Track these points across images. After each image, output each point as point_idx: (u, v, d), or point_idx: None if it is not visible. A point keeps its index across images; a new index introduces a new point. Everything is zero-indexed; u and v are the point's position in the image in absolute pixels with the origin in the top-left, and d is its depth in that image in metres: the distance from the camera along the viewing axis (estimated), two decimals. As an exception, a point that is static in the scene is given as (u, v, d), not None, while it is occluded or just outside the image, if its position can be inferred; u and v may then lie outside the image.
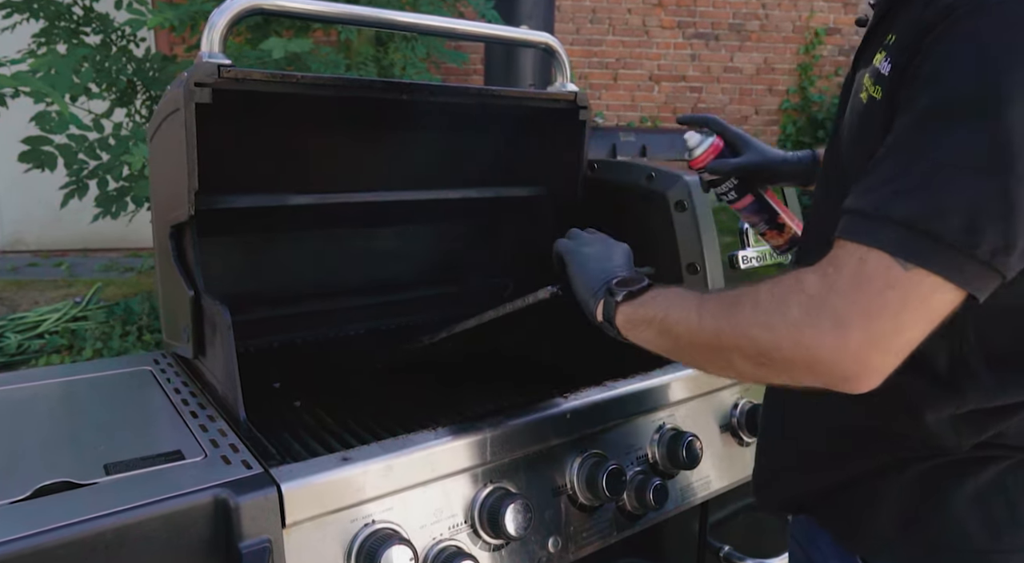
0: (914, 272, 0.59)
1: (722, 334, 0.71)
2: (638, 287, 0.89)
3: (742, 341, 0.69)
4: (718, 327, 0.72)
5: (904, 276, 0.59)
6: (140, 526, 0.76)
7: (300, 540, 0.85)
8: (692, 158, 1.22)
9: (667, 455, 1.21)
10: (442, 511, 0.97)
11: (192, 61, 1.07)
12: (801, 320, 0.63)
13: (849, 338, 0.60)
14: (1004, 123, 0.57)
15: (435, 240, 1.68)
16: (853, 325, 0.60)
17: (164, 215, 1.21)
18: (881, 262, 0.60)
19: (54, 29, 2.66)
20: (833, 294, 0.62)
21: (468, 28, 1.34)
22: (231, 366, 1.01)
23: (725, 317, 0.71)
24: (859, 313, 0.60)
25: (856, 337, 0.60)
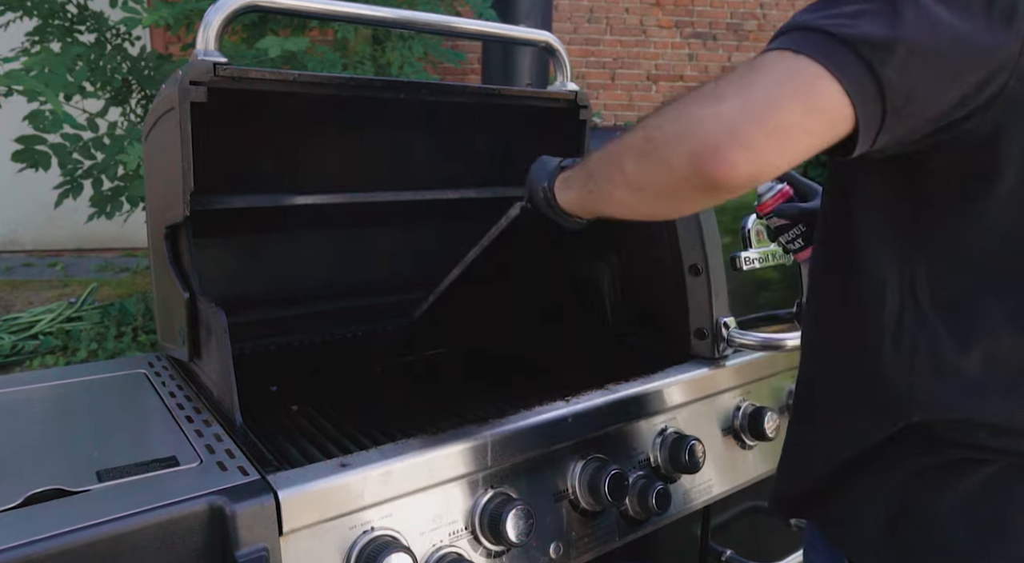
0: (800, 57, 0.61)
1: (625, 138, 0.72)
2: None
3: (637, 134, 0.70)
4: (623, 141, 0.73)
5: (791, 59, 0.61)
6: (133, 535, 0.74)
7: (298, 548, 0.84)
8: (761, 203, 1.20)
9: (669, 459, 1.19)
10: (442, 517, 0.95)
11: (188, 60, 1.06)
12: (690, 104, 0.65)
13: (722, 106, 0.62)
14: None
15: (435, 241, 1.66)
16: (729, 96, 0.62)
17: (159, 216, 1.19)
18: (776, 54, 0.63)
19: (48, 27, 2.63)
20: (723, 80, 0.64)
21: (467, 26, 1.32)
22: (227, 369, 0.99)
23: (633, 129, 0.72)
24: (737, 87, 0.63)
25: (730, 105, 0.61)
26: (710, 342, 1.32)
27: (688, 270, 1.33)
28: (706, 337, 1.33)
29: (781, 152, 0.61)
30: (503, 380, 1.28)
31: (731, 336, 1.31)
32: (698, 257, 1.32)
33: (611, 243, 1.50)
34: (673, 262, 1.34)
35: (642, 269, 1.43)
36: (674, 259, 1.34)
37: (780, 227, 1.18)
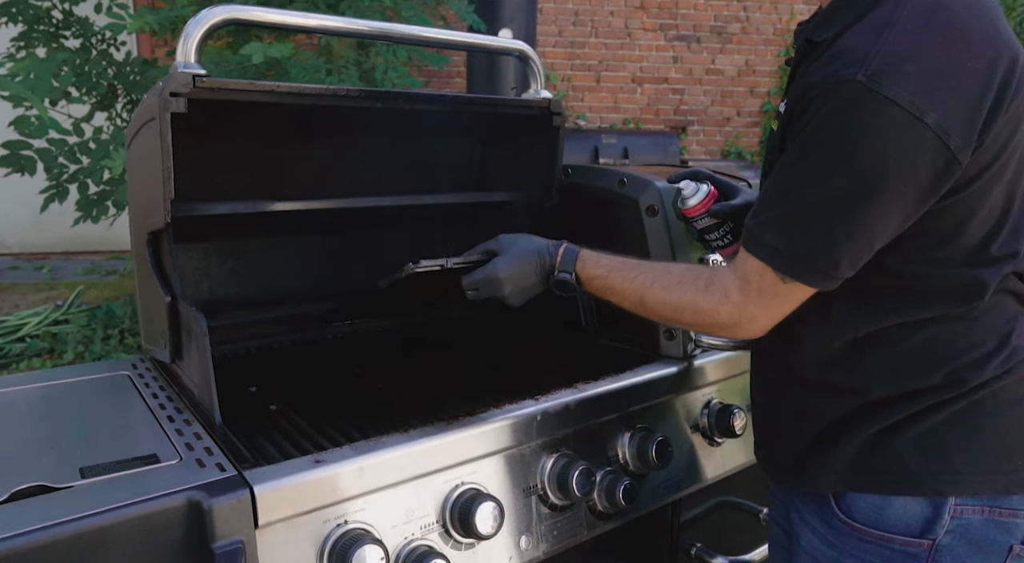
0: (790, 283, 0.91)
1: (676, 306, 1.02)
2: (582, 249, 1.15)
3: (688, 316, 1.01)
4: (661, 296, 1.03)
5: (784, 287, 0.92)
6: (115, 528, 0.78)
7: (273, 541, 0.88)
8: (689, 207, 1.25)
9: (637, 455, 1.24)
10: (414, 511, 0.99)
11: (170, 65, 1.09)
12: (731, 317, 0.97)
13: (757, 324, 0.97)
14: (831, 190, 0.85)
15: (412, 245, 1.70)
16: (760, 317, 0.96)
17: (141, 222, 1.22)
18: (769, 276, 0.91)
19: (33, 33, 2.65)
20: (749, 303, 0.95)
21: (443, 37, 1.36)
22: (207, 371, 1.03)
23: (667, 287, 1.02)
24: (763, 311, 0.95)
25: (762, 322, 0.97)
26: (679, 342, 1.37)
27: (656, 272, 1.37)
28: (675, 337, 1.37)
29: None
30: (477, 381, 1.32)
31: (698, 336, 1.35)
32: (666, 259, 1.37)
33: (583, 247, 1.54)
34: (642, 265, 1.38)
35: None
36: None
37: (709, 227, 1.25)
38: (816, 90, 0.85)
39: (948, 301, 0.92)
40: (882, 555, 0.95)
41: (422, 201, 1.51)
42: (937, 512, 0.92)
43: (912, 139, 0.80)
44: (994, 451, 0.92)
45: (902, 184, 0.82)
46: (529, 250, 1.13)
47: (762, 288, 0.92)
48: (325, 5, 2.67)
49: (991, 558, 0.93)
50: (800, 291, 0.92)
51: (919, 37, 0.82)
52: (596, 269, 1.10)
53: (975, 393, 0.92)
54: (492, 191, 1.60)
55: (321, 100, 1.21)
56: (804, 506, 1.04)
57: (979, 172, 0.85)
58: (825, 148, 0.85)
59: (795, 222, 0.88)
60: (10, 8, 2.59)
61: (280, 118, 1.29)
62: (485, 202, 1.63)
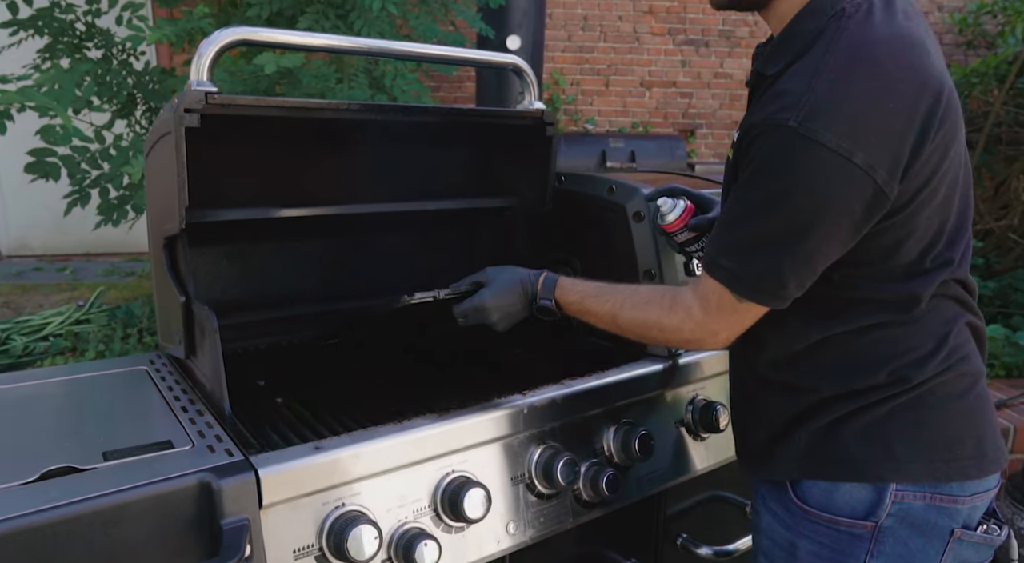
0: (744, 303, 1.00)
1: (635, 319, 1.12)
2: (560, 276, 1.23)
3: (656, 333, 1.11)
4: (631, 315, 1.13)
5: (740, 305, 1.01)
6: (134, 505, 0.87)
7: (276, 520, 0.96)
8: (668, 222, 1.32)
9: (621, 448, 1.31)
10: (407, 496, 1.07)
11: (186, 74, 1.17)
12: (694, 334, 1.07)
13: (719, 338, 1.06)
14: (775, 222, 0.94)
15: (415, 248, 1.78)
16: (721, 332, 1.05)
17: (158, 227, 1.31)
18: (727, 296, 1.01)
19: (58, 44, 2.77)
20: (710, 319, 1.04)
21: (441, 53, 1.44)
22: (217, 366, 1.11)
23: (636, 306, 1.12)
24: (723, 327, 1.05)
25: (723, 336, 1.06)
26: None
27: (643, 274, 1.45)
28: (660, 336, 1.44)
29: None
30: (470, 377, 1.40)
31: (682, 336, 1.42)
32: (652, 263, 1.44)
33: (575, 250, 1.62)
34: (630, 268, 1.46)
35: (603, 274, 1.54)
36: (631, 265, 1.46)
37: (688, 240, 1.32)
38: (757, 129, 0.94)
39: (889, 310, 1.00)
40: (831, 536, 1.03)
41: (424, 207, 1.59)
42: (879, 497, 1.00)
43: (842, 177, 0.89)
44: (935, 442, 1.00)
45: (837, 217, 0.91)
46: (512, 281, 1.23)
47: (721, 306, 1.02)
48: (335, 15, 2.75)
49: (933, 541, 1.01)
50: (755, 309, 1.01)
51: (844, 85, 0.90)
52: (572, 295, 1.20)
53: (917, 389, 1.00)
54: (491, 197, 1.67)
55: (325, 113, 1.30)
56: (767, 492, 1.13)
57: (911, 197, 0.94)
58: (768, 185, 0.94)
59: (746, 250, 0.98)
60: (36, 21, 2.71)
61: (288, 129, 1.38)
62: (484, 207, 1.70)
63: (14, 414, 1.16)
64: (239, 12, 2.79)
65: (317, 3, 2.72)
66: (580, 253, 1.61)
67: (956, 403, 1.02)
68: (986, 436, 1.03)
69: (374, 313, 1.38)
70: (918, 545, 1.01)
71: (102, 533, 0.85)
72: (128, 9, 2.92)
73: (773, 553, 1.11)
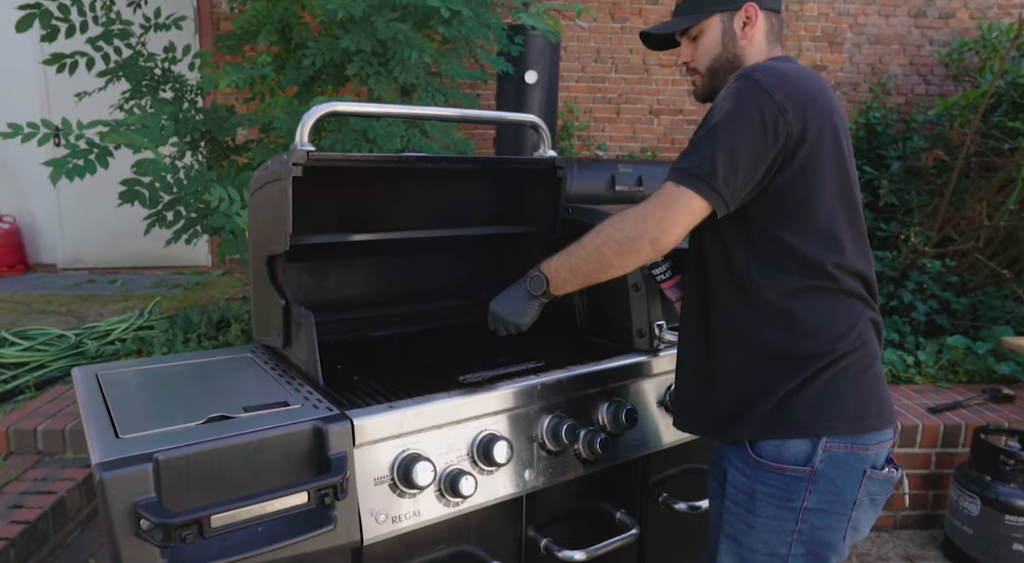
0: (682, 189, 1.31)
1: (599, 243, 1.41)
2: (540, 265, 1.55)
3: (610, 242, 1.39)
4: (595, 242, 1.42)
5: (677, 191, 1.32)
6: (271, 441, 1.27)
7: (364, 455, 1.36)
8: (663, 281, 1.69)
9: (612, 420, 1.70)
10: (452, 446, 1.47)
11: (249, 112, 1.55)
12: (652, 226, 1.34)
13: (673, 232, 1.34)
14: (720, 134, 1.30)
15: (454, 265, 2.19)
16: (673, 226, 1.33)
17: (261, 248, 1.73)
18: (670, 187, 1.33)
19: (141, 86, 3.24)
20: (658, 209, 1.34)
21: (474, 115, 1.86)
22: (313, 349, 1.53)
23: (596, 234, 1.42)
24: (671, 217, 1.33)
25: (676, 231, 1.34)
26: (647, 339, 1.84)
27: (631, 287, 1.85)
28: (644, 335, 1.84)
29: (684, 230, 1.36)
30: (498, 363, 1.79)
31: (662, 334, 1.82)
32: (638, 278, 1.84)
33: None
34: (620, 281, 1.86)
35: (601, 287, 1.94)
36: (621, 280, 1.86)
37: (655, 264, 1.67)
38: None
39: (813, 274, 1.34)
40: (781, 480, 1.37)
41: (459, 233, 2.00)
42: (814, 448, 1.35)
43: (764, 101, 1.29)
44: (850, 405, 1.36)
45: (753, 120, 1.28)
46: (511, 287, 1.60)
47: (667, 196, 1.32)
48: (377, 62, 3.19)
49: (852, 479, 1.36)
50: (696, 202, 1.30)
51: (776, 66, 1.36)
52: (554, 260, 1.52)
53: (837, 364, 1.34)
54: (513, 225, 2.08)
55: (389, 164, 1.72)
56: (732, 451, 1.45)
57: (803, 146, 1.31)
58: (712, 111, 1.34)
59: (688, 152, 1.33)
60: (124, 69, 3.18)
61: (359, 174, 1.80)
62: (507, 233, 2.12)
63: (163, 383, 1.58)
64: (295, 60, 3.24)
65: (361, 53, 3.16)
66: (583, 270, 2.01)
67: (863, 377, 1.38)
68: (883, 400, 1.41)
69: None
70: (842, 482, 1.35)
71: (251, 457, 1.26)
72: (198, 57, 3.39)
73: (737, 497, 1.43)
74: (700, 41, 1.53)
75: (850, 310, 1.39)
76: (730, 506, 1.45)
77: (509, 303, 1.59)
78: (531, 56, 5.12)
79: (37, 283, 5.83)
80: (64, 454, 2.77)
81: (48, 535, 2.41)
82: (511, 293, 1.59)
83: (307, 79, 3.32)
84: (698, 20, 1.51)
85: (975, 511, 2.66)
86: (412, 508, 1.40)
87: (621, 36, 6.41)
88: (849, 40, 6.53)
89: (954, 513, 2.78)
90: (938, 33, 6.49)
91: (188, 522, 1.10)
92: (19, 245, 6.31)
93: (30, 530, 2.29)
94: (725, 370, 1.45)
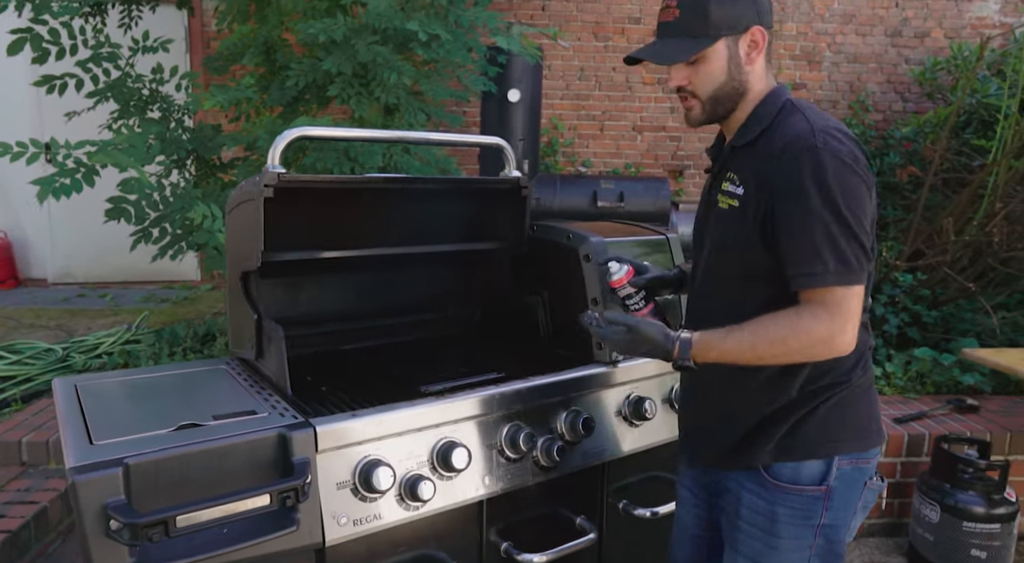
0: (853, 289, 1.28)
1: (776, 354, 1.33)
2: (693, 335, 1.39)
3: (793, 355, 1.33)
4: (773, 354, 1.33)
5: (849, 291, 1.28)
6: (238, 446, 1.35)
7: (326, 461, 1.44)
8: (614, 280, 1.66)
9: (570, 428, 1.78)
10: (412, 452, 1.55)
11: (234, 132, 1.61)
12: (827, 332, 1.29)
13: (847, 335, 1.30)
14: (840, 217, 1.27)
15: (424, 280, 2.28)
16: (847, 328, 1.29)
17: (236, 265, 1.82)
18: (839, 291, 1.28)
19: (129, 107, 3.33)
20: (835, 318, 1.28)
21: (443, 138, 1.96)
22: (282, 361, 1.61)
23: (780, 348, 1.32)
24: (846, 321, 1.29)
25: (849, 334, 1.30)
26: (607, 351, 1.92)
27: (591, 301, 1.93)
28: (604, 348, 1.92)
29: None
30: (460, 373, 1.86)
31: (619, 347, 1.90)
32: (596, 292, 1.93)
33: (544, 283, 2.11)
34: (581, 296, 1.95)
35: (562, 301, 2.04)
36: (582, 294, 1.95)
37: (629, 294, 1.66)
38: (783, 156, 1.29)
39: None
40: (800, 500, 1.41)
41: (429, 249, 2.09)
42: (828, 468, 1.41)
43: (855, 177, 1.28)
44: (855, 425, 1.43)
45: (863, 198, 1.29)
46: (659, 331, 1.40)
47: (838, 302, 1.27)
48: (359, 84, 3.30)
49: (855, 491, 1.44)
50: (855, 294, 1.28)
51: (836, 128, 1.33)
52: (707, 350, 1.35)
53: (846, 388, 1.41)
54: (479, 241, 2.17)
55: (360, 184, 1.81)
56: (745, 477, 1.47)
57: None
58: (817, 192, 1.26)
59: (835, 247, 1.26)
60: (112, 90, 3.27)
61: (330, 193, 1.89)
62: (476, 250, 2.21)
63: (139, 393, 1.66)
64: (279, 82, 3.34)
65: (343, 75, 3.26)
66: (548, 285, 2.11)
67: (864, 398, 1.45)
68: (879, 418, 1.49)
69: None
70: (849, 495, 1.42)
71: (218, 462, 1.33)
72: (185, 78, 3.49)
73: (755, 520, 1.45)
74: (701, 66, 1.38)
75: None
76: (747, 528, 1.47)
77: (643, 339, 1.41)
78: (514, 75, 5.24)
79: (27, 298, 5.89)
80: (48, 465, 2.83)
81: (30, 544, 2.47)
82: (651, 336, 1.40)
83: (291, 99, 3.42)
84: (703, 47, 1.36)
85: (935, 518, 2.74)
86: (373, 511, 1.48)
87: (604, 55, 6.55)
88: (828, 59, 6.68)
89: (916, 520, 2.86)
90: (914, 52, 6.65)
91: (154, 522, 1.17)
92: (10, 260, 6.38)
93: (12, 539, 2.35)
94: (745, 403, 1.46)
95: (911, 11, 6.62)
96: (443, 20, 3.26)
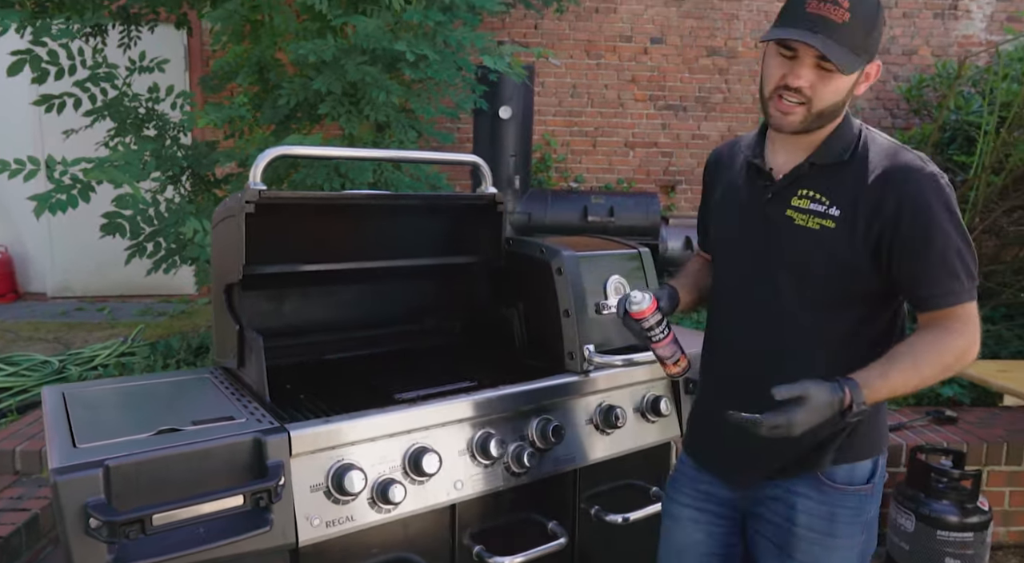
0: (975, 301, 1.39)
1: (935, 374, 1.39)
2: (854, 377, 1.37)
3: (947, 372, 1.41)
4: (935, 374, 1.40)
5: (975, 304, 1.40)
6: (215, 449, 1.42)
7: (300, 465, 1.50)
8: (638, 310, 1.53)
9: (540, 435, 1.85)
10: (385, 457, 1.62)
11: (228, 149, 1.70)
12: (968, 360, 1.40)
13: (978, 348, 1.41)
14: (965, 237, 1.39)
15: (406, 292, 2.35)
16: (979, 341, 1.40)
17: (221, 278, 1.89)
18: (970, 307, 1.39)
19: (125, 125, 3.42)
20: (976, 331, 1.39)
21: (422, 157, 2.04)
22: (261, 370, 1.68)
23: (939, 367, 1.38)
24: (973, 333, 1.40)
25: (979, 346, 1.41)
26: (577, 361, 1.99)
27: (563, 313, 2.00)
28: (575, 358, 1.99)
29: None
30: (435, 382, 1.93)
31: (590, 357, 1.97)
32: (569, 305, 1.99)
33: (520, 295, 2.19)
34: (554, 308, 2.01)
35: (537, 313, 2.11)
36: (555, 306, 2.02)
37: (653, 324, 1.55)
38: (905, 182, 1.37)
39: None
40: (856, 499, 1.50)
41: (408, 263, 2.17)
42: (875, 466, 1.53)
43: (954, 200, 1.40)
44: (883, 426, 1.58)
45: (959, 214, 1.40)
46: (824, 404, 1.30)
47: (971, 316, 1.39)
48: (348, 102, 3.39)
49: (881, 484, 1.56)
50: (976, 306, 1.40)
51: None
52: (876, 392, 1.34)
53: None
54: (458, 255, 2.25)
55: (340, 200, 1.89)
56: (799, 484, 1.51)
57: None
58: (943, 214, 1.36)
59: (966, 266, 1.38)
60: (108, 108, 3.37)
61: (313, 209, 1.97)
62: (455, 263, 2.28)
63: (124, 400, 1.73)
64: (271, 100, 3.43)
65: (332, 94, 3.35)
66: (523, 297, 2.18)
67: (885, 403, 1.55)
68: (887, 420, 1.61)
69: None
70: (880, 489, 1.55)
71: (196, 465, 1.40)
72: (181, 97, 3.59)
73: (814, 524, 1.50)
74: (833, 77, 1.34)
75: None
76: (804, 533, 1.51)
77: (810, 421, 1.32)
78: (506, 93, 5.35)
79: (26, 311, 5.97)
80: (40, 474, 2.89)
81: (21, 551, 2.52)
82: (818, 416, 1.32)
83: (283, 117, 3.51)
84: (861, 66, 1.36)
85: (910, 527, 2.79)
86: (346, 513, 1.54)
87: (597, 72, 6.66)
88: (816, 76, 6.78)
89: (893, 530, 2.90)
90: (902, 69, 6.75)
91: (131, 520, 1.24)
92: (10, 274, 6.47)
93: (3, 545, 2.41)
94: None
95: (899, 29, 6.74)
96: (431, 40, 3.35)
